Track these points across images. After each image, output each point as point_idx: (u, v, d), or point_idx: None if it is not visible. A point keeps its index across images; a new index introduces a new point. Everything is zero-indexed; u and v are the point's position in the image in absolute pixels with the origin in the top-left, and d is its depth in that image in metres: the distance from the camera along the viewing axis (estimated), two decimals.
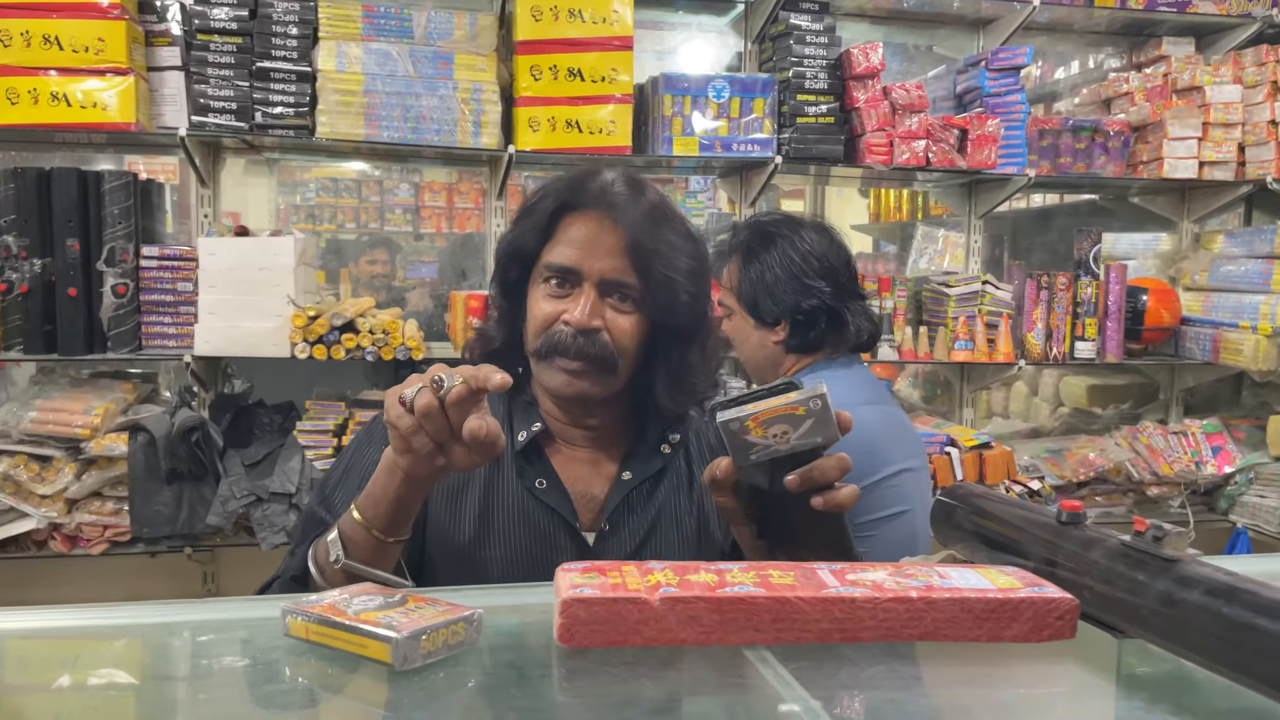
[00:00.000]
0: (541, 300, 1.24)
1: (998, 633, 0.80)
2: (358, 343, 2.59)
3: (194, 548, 2.60)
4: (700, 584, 0.80)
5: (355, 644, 0.71)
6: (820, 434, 0.97)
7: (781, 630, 0.79)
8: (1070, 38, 3.57)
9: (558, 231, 1.24)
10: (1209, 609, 0.71)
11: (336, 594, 0.77)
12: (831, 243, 1.79)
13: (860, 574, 0.84)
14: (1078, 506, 0.88)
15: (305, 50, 2.65)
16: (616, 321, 1.22)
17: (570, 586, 0.78)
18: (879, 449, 1.71)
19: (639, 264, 1.21)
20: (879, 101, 2.90)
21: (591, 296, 1.21)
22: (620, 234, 1.21)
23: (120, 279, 2.55)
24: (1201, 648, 0.72)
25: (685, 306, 1.24)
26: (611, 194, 1.23)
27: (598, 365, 1.21)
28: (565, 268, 1.22)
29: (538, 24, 2.74)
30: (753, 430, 0.96)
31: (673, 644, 0.77)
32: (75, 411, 2.51)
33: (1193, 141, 3.18)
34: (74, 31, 2.47)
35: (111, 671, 0.71)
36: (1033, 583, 0.83)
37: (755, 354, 1.85)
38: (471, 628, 0.76)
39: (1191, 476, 3.14)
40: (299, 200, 6.38)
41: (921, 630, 0.80)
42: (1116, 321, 3.15)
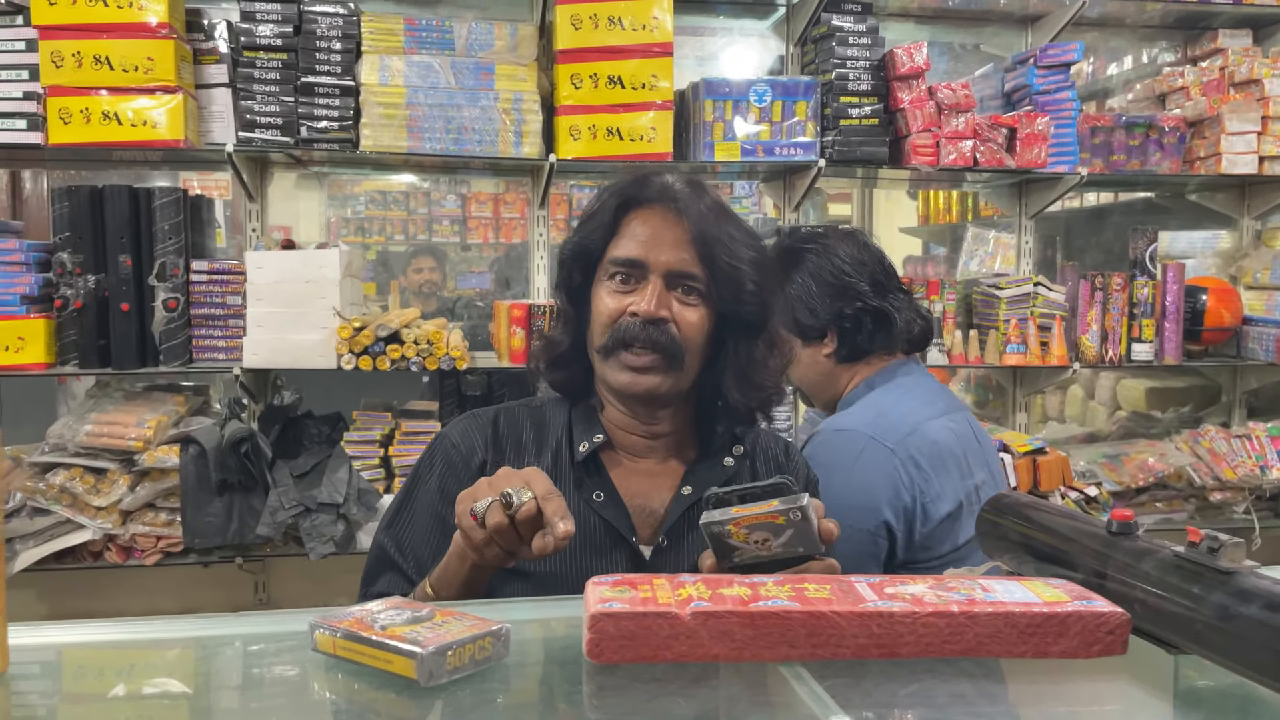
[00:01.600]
0: (607, 297, 1.25)
1: (1044, 648, 0.77)
2: (402, 353, 2.60)
3: (245, 558, 2.63)
4: (733, 598, 0.78)
5: (381, 659, 0.71)
6: (801, 544, 0.97)
7: (817, 646, 0.77)
8: (1122, 32, 3.49)
9: (621, 229, 1.26)
10: (1268, 624, 0.67)
11: (364, 608, 0.77)
12: (860, 245, 1.75)
13: (900, 587, 0.82)
14: (1128, 516, 0.85)
15: (349, 64, 2.68)
16: (683, 314, 1.23)
17: (599, 601, 0.76)
18: (961, 467, 1.64)
19: (704, 255, 1.22)
20: (924, 102, 2.85)
21: (658, 287, 1.22)
22: (684, 226, 1.23)
23: (171, 293, 2.59)
24: (1260, 664, 0.68)
25: (751, 297, 1.25)
26: (673, 190, 1.26)
27: (665, 357, 1.21)
28: (631, 260, 1.23)
29: (577, 32, 2.74)
30: (735, 535, 0.98)
31: (704, 660, 0.76)
32: (129, 424, 2.56)
33: (1252, 136, 3.08)
34: (124, 51, 2.52)
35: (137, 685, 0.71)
36: (1081, 596, 0.80)
37: (808, 374, 1.79)
38: (499, 643, 0.74)
39: (1256, 481, 3.04)
40: (349, 213, 6.48)
41: (964, 646, 0.77)
42: (1175, 322, 3.06)
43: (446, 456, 1.28)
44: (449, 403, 2.94)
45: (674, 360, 1.22)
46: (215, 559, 2.61)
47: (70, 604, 2.68)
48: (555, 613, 0.83)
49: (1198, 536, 0.75)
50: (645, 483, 1.28)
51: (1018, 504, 0.98)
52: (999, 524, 0.98)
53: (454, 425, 1.33)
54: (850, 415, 1.68)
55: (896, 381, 1.71)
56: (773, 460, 1.36)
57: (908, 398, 1.67)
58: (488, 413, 1.34)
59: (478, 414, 1.35)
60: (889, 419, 1.62)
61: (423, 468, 1.30)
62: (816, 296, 1.71)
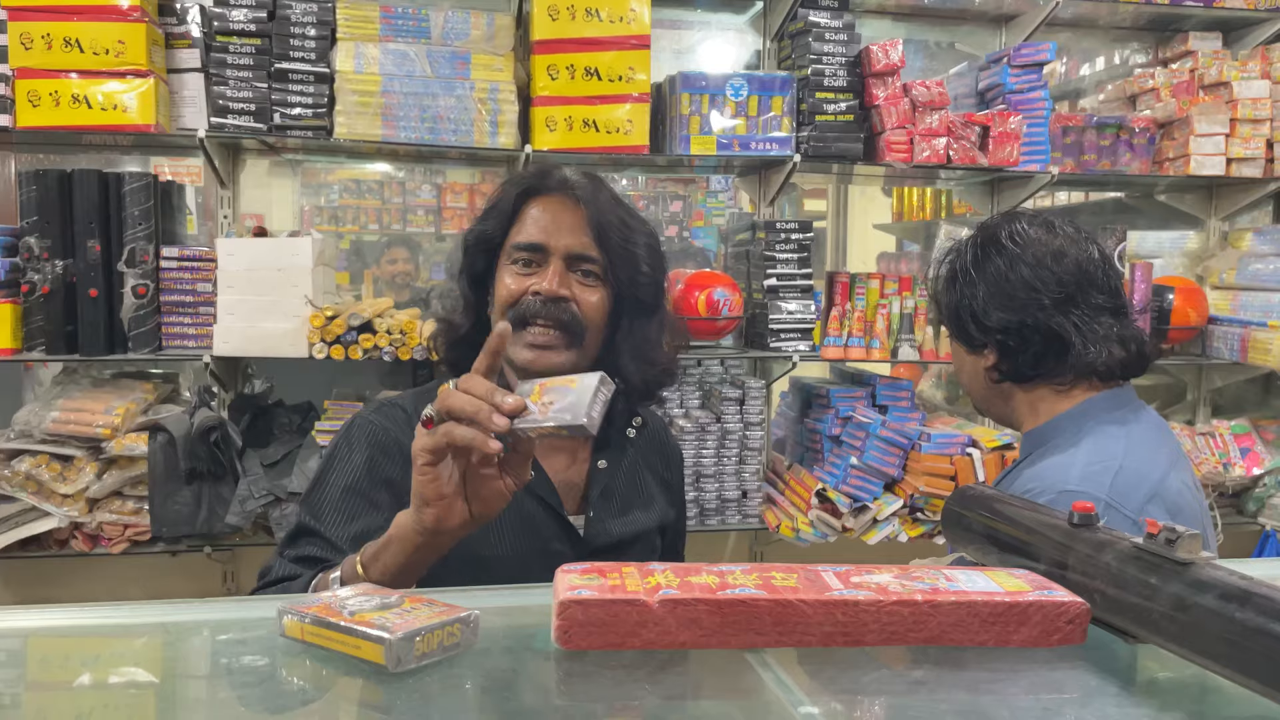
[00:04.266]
0: (509, 279, 1.31)
1: (1005, 637, 0.78)
2: (375, 343, 2.60)
3: (213, 547, 2.61)
4: (701, 586, 0.79)
5: (349, 645, 0.71)
6: (569, 411, 0.94)
7: (783, 634, 0.77)
8: (1095, 33, 3.52)
9: (523, 216, 1.33)
10: (1222, 614, 0.69)
11: (333, 594, 0.77)
12: (1055, 243, 1.45)
13: (865, 576, 0.83)
14: (1089, 508, 0.86)
15: (323, 51, 2.66)
16: (583, 295, 1.30)
17: (569, 588, 0.77)
18: (1200, 523, 1.39)
19: (601, 239, 1.30)
20: (899, 99, 2.87)
21: (559, 268, 1.29)
22: (582, 213, 1.30)
23: (140, 280, 2.57)
24: (1215, 653, 0.70)
25: (645, 278, 1.33)
26: (571, 180, 1.34)
27: (566, 334, 1.28)
28: (533, 244, 1.30)
29: (554, 23, 2.74)
30: (534, 395, 0.97)
31: (672, 647, 0.76)
32: (96, 411, 2.53)
33: (1220, 138, 3.12)
34: (94, 34, 2.49)
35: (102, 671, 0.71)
36: (1042, 586, 0.81)
37: (973, 384, 1.57)
38: (468, 629, 0.75)
39: (1219, 478, 3.09)
40: (323, 202, 6.42)
41: (927, 634, 0.78)
42: (1142, 321, 3.10)
43: (374, 438, 1.30)
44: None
45: (575, 337, 1.28)
46: (183, 548, 2.59)
47: (36, 592, 2.65)
48: (524, 600, 0.83)
49: (1156, 528, 0.76)
50: (562, 459, 1.35)
51: (982, 496, 1.00)
52: (964, 515, 0.99)
53: (372, 412, 1.35)
54: (1075, 467, 1.36)
55: (1113, 419, 1.43)
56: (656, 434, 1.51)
57: (1137, 445, 1.39)
58: (403, 399, 1.38)
59: (396, 403, 1.37)
60: (1126, 477, 1.33)
61: (342, 448, 1.31)
62: (984, 300, 1.46)
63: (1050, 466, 1.40)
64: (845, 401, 2.94)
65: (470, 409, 0.94)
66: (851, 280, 3.01)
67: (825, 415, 2.96)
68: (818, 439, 3.01)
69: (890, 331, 2.98)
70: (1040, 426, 1.48)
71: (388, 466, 1.27)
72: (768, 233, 2.93)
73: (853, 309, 2.97)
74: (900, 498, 2.82)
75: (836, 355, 2.96)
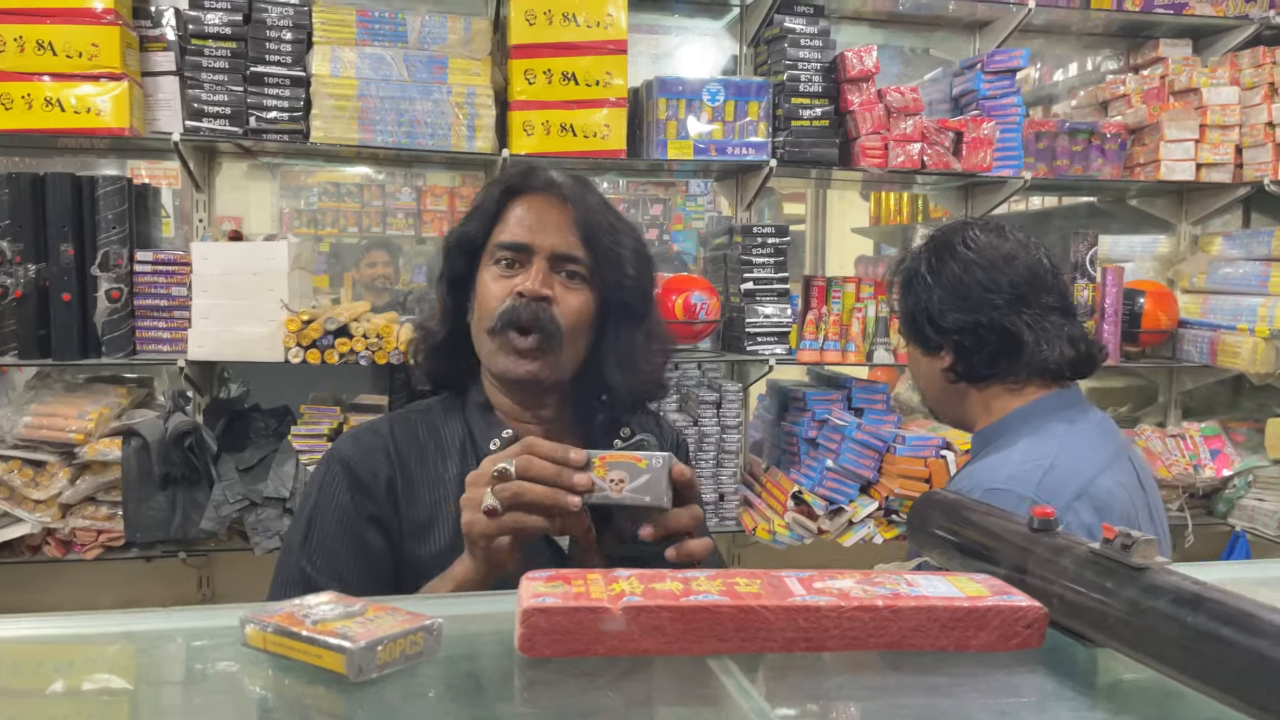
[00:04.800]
0: (492, 281, 1.26)
1: (965, 641, 0.79)
2: (351, 347, 2.59)
3: (188, 552, 2.60)
4: (665, 593, 0.80)
5: (311, 654, 0.71)
6: (648, 494, 1.00)
7: (746, 640, 0.78)
8: (1067, 40, 3.56)
9: (506, 215, 1.28)
10: (1175, 618, 0.70)
11: (296, 603, 0.77)
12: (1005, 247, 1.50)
13: (828, 582, 0.84)
14: (1049, 513, 0.87)
15: (299, 55, 2.66)
16: (566, 297, 1.25)
17: (532, 595, 0.77)
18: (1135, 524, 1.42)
19: (586, 239, 1.26)
20: (873, 104, 2.89)
21: (543, 268, 1.25)
22: (567, 212, 1.26)
23: (114, 284, 2.55)
24: (1168, 657, 0.71)
25: (632, 282, 1.28)
26: (556, 179, 1.29)
27: (549, 339, 1.23)
28: (516, 243, 1.26)
29: (532, 28, 2.74)
30: (596, 469, 1.00)
31: (635, 654, 0.77)
32: (69, 416, 2.52)
33: (1190, 143, 3.16)
34: (68, 37, 2.48)
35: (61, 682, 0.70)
36: (1001, 590, 0.82)
37: (930, 387, 1.62)
38: (431, 638, 0.75)
39: (1190, 480, 3.12)
40: (302, 205, 6.39)
41: (888, 639, 0.79)
42: (1114, 324, 3.13)
43: (351, 474, 1.24)
44: (399, 397, 2.92)
45: (553, 340, 1.23)
46: (158, 554, 2.58)
47: (7, 599, 2.63)
48: (489, 608, 0.84)
49: (1112, 534, 0.78)
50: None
51: (946, 501, 1.01)
52: (927, 520, 1.00)
53: (346, 442, 1.29)
54: (1007, 465, 1.42)
55: (1060, 419, 1.47)
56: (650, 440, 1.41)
57: (1074, 444, 1.43)
58: (380, 425, 1.31)
59: (371, 428, 1.31)
60: (1055, 475, 1.38)
61: (324, 485, 1.24)
62: (939, 303, 1.50)
63: (984, 465, 1.46)
64: (821, 404, 2.95)
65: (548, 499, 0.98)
66: (828, 284, 3.03)
67: (802, 418, 2.98)
68: (794, 442, 3.02)
69: (866, 335, 3.00)
70: (992, 425, 1.52)
71: (369, 505, 1.22)
72: (744, 237, 2.94)
73: (828, 312, 2.99)
74: (875, 500, 2.84)
75: (813, 359, 2.98)
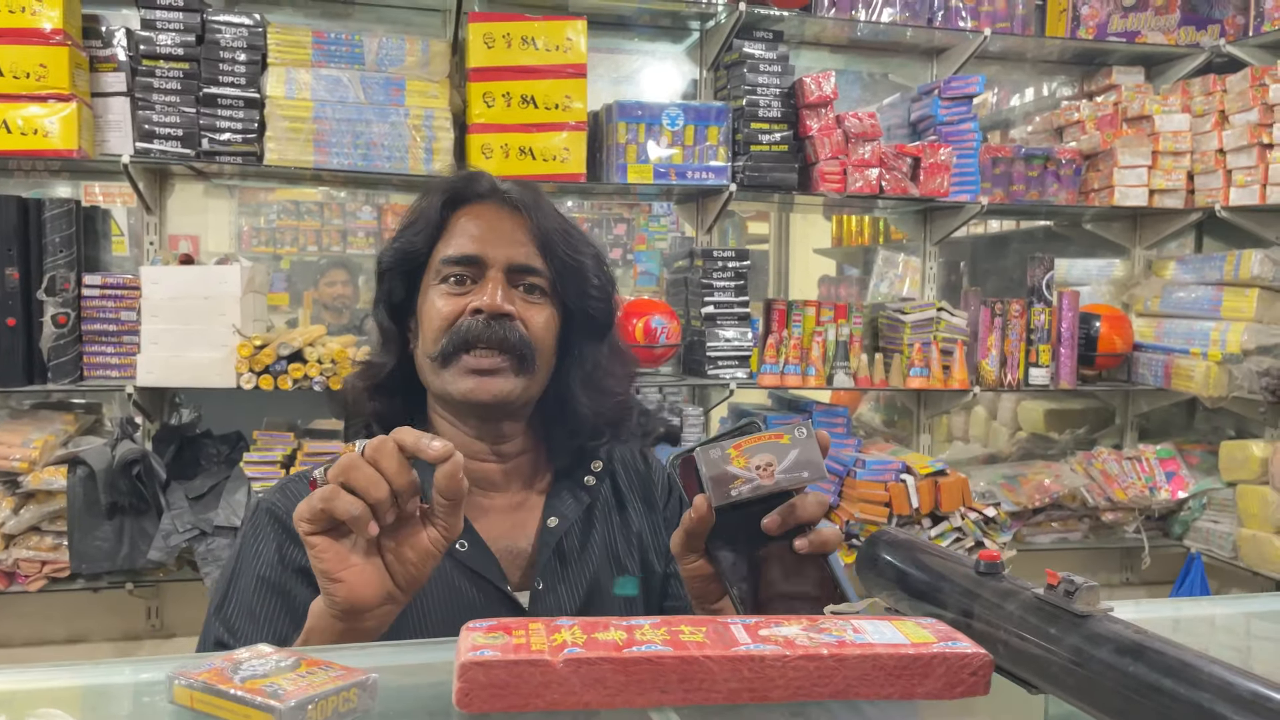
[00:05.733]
0: (440, 300, 1.11)
1: (910, 690, 0.78)
2: (305, 372, 2.55)
3: (136, 583, 2.54)
4: (607, 643, 0.78)
5: (239, 715, 0.68)
6: (806, 468, 0.88)
7: (689, 691, 0.77)
8: (1023, 66, 3.61)
9: (451, 227, 1.14)
10: (1116, 667, 0.70)
11: (225, 657, 0.75)
12: None
13: (773, 629, 0.82)
14: (995, 556, 0.87)
15: (254, 76, 2.63)
16: (529, 313, 1.12)
17: (470, 648, 0.75)
18: None
19: (545, 249, 1.12)
20: (832, 130, 2.91)
21: (500, 282, 1.10)
22: (521, 220, 1.13)
23: (61, 308, 2.50)
24: (1110, 707, 0.70)
25: (597, 292, 1.15)
26: (502, 186, 1.17)
27: (514, 358, 1.09)
28: (467, 256, 1.11)
29: (490, 51, 2.73)
30: (735, 460, 0.87)
31: (577, 708, 0.75)
32: (13, 444, 2.46)
33: (1143, 169, 3.21)
34: (15, 58, 2.43)
35: None
36: (947, 636, 0.82)
37: None
38: (365, 693, 0.73)
39: (1146, 502, 3.16)
40: (261, 223, 6.32)
41: (833, 689, 0.78)
42: (1070, 348, 3.17)
43: (278, 524, 1.09)
44: (355, 423, 2.88)
45: (524, 361, 1.10)
46: (104, 584, 2.52)
47: None
48: (430, 657, 0.82)
49: (1055, 579, 0.77)
50: (505, 521, 1.15)
51: (895, 540, 1.00)
52: (877, 560, 1.00)
53: (274, 492, 1.15)
54: None
55: None
56: (634, 470, 1.26)
57: None
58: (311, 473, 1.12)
59: (300, 475, 1.18)
60: None
61: (248, 539, 1.11)
62: None
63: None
64: None
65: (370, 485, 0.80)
66: (788, 307, 3.04)
67: None
68: None
69: (826, 358, 3.01)
70: None
71: (299, 555, 1.05)
72: (705, 261, 2.94)
73: (789, 336, 3.00)
74: (836, 524, 2.84)
75: (773, 382, 2.98)
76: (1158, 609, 1.22)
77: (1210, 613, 1.15)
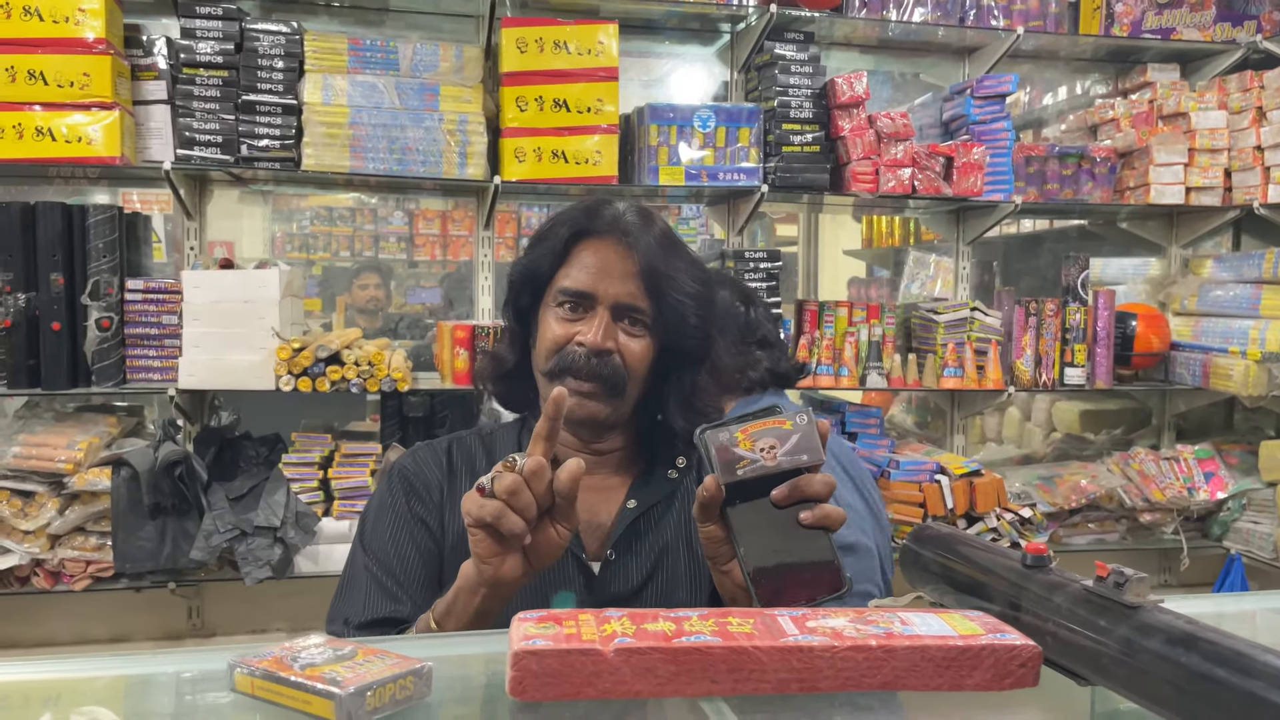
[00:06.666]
0: (554, 323, 1.27)
1: (959, 681, 0.79)
2: (343, 374, 2.58)
3: (178, 583, 2.58)
4: (656, 634, 0.79)
5: (300, 700, 0.70)
6: (806, 452, 0.97)
7: (738, 681, 0.77)
8: (1056, 65, 3.59)
9: (571, 257, 1.28)
10: (1167, 658, 0.70)
11: (285, 647, 0.76)
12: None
13: (821, 621, 0.83)
14: (1042, 549, 0.87)
15: (291, 83, 2.66)
16: (628, 345, 1.26)
17: (523, 638, 0.77)
18: None
19: (651, 289, 1.25)
20: (864, 130, 2.91)
21: (605, 319, 1.24)
22: (633, 260, 1.25)
23: (104, 312, 2.54)
24: (1161, 697, 0.70)
25: (694, 329, 1.28)
26: (624, 222, 1.28)
27: (608, 386, 1.24)
28: (580, 292, 1.25)
29: (523, 55, 2.75)
30: (741, 443, 0.97)
31: (627, 696, 0.76)
32: (59, 446, 2.50)
33: (1179, 167, 3.18)
34: (59, 66, 2.48)
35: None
36: (995, 629, 0.82)
37: None
38: (421, 681, 0.74)
39: (1184, 503, 3.12)
40: (294, 229, 6.39)
41: (881, 679, 0.78)
42: (1105, 347, 3.14)
43: (408, 483, 1.32)
44: (390, 424, 2.91)
45: (615, 389, 1.25)
46: (147, 584, 2.56)
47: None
48: (481, 649, 0.83)
49: (1105, 571, 0.77)
50: (592, 498, 1.29)
51: (939, 535, 1.00)
52: (920, 555, 1.00)
53: (408, 456, 1.36)
54: None
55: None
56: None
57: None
58: (440, 443, 1.37)
59: (431, 445, 1.38)
60: None
61: (383, 493, 1.33)
62: None
63: None
64: None
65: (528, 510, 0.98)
66: (820, 308, 3.03)
67: None
68: None
69: (859, 359, 3.00)
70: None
71: (420, 509, 1.30)
72: (736, 262, 2.94)
73: (821, 336, 3.00)
74: None
75: (805, 383, 2.97)
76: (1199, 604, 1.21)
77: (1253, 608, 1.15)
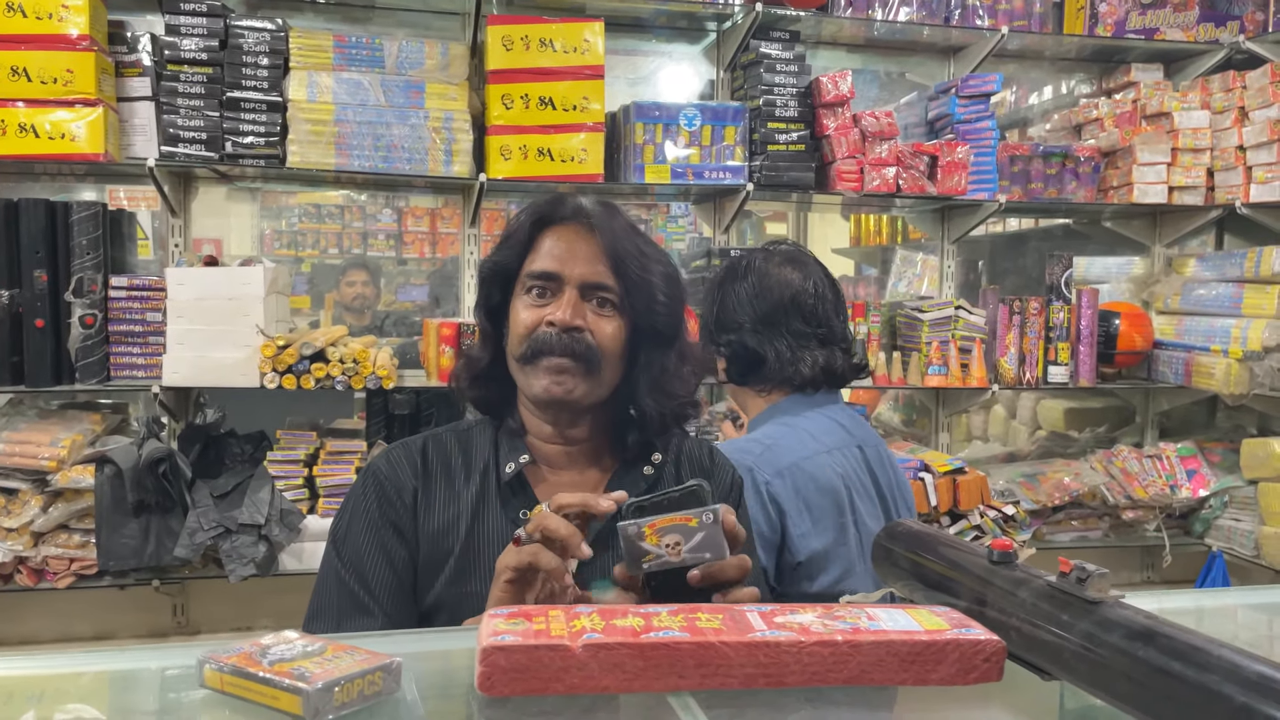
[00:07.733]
0: (524, 310, 1.29)
1: (924, 676, 0.79)
2: (327, 372, 2.58)
3: (162, 580, 2.58)
4: (625, 629, 0.80)
5: (267, 696, 0.70)
6: (709, 549, 1.00)
7: (706, 676, 0.78)
8: (1041, 64, 3.60)
9: (537, 245, 1.31)
10: (1127, 652, 0.71)
11: (255, 643, 0.77)
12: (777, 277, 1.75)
13: (789, 616, 0.84)
14: (1008, 545, 0.88)
15: (276, 80, 2.66)
16: (599, 324, 1.28)
17: (492, 633, 0.77)
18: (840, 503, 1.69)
19: (616, 268, 1.28)
20: (849, 129, 2.92)
21: (574, 298, 1.27)
22: (597, 241, 1.28)
23: (88, 310, 2.54)
24: (1121, 692, 0.71)
25: (662, 308, 1.30)
26: (587, 209, 1.31)
27: (583, 364, 1.26)
28: (547, 273, 1.28)
29: (509, 53, 2.75)
30: (649, 538, 1.00)
31: (595, 692, 0.77)
32: (42, 444, 2.50)
33: (1162, 167, 3.20)
34: (42, 63, 2.48)
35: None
36: (960, 624, 0.83)
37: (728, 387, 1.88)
38: (390, 677, 0.75)
39: (1166, 500, 3.14)
40: (283, 226, 6.38)
41: (847, 674, 0.79)
42: (1089, 346, 3.16)
43: (379, 488, 1.32)
44: (376, 421, 2.92)
45: (591, 366, 1.27)
46: (131, 581, 2.56)
47: None
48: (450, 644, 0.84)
49: (1068, 567, 0.78)
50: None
51: (909, 532, 1.01)
52: (891, 551, 1.01)
53: (382, 456, 1.36)
54: (744, 441, 1.75)
55: (801, 414, 1.74)
56: (697, 465, 1.40)
57: (802, 432, 1.71)
58: (415, 442, 1.38)
59: (406, 444, 1.38)
60: (774, 452, 1.67)
61: (356, 497, 1.34)
62: (714, 318, 1.81)
63: (738, 439, 1.80)
64: None
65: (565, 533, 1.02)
66: None
67: None
68: None
69: None
70: (754, 417, 1.82)
71: (392, 513, 1.30)
72: (722, 260, 2.95)
73: None
74: None
75: None
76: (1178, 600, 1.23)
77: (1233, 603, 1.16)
